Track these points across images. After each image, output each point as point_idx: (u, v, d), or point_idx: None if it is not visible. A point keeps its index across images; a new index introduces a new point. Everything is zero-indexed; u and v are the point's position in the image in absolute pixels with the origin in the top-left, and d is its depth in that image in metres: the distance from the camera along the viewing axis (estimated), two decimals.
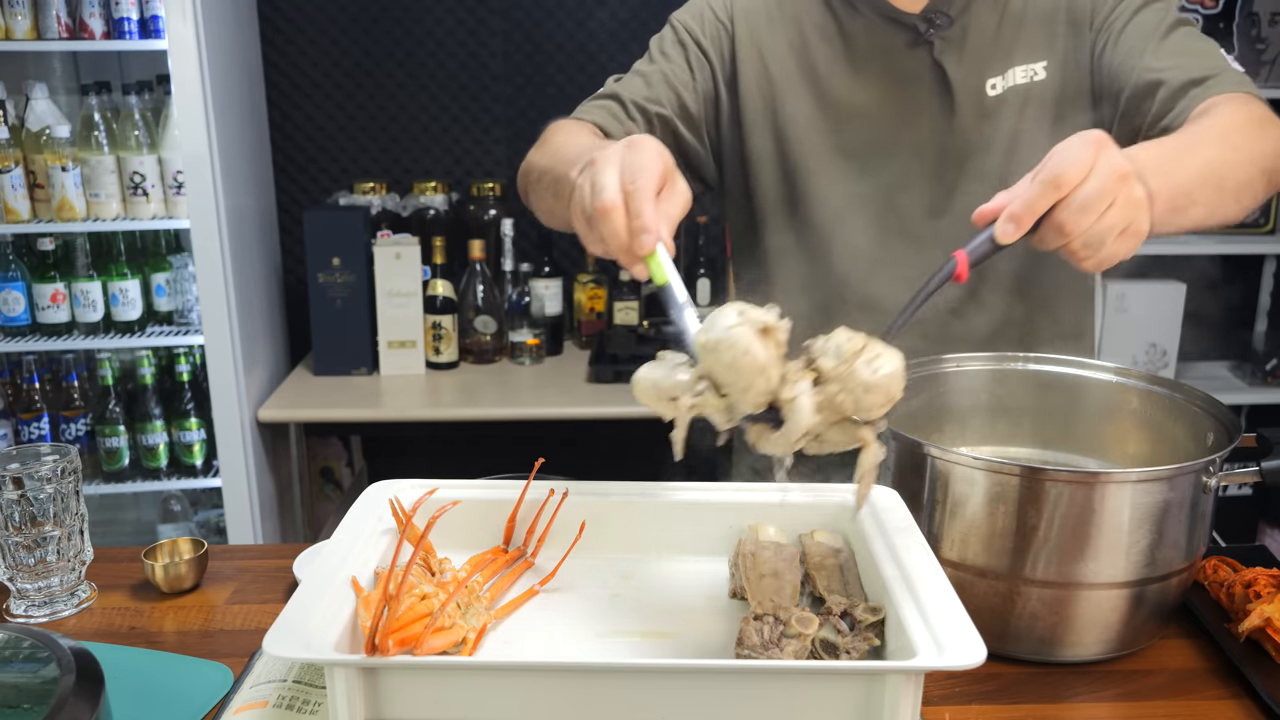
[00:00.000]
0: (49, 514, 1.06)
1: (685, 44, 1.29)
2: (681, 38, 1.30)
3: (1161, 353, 2.93)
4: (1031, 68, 1.24)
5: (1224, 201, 0.96)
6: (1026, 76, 1.24)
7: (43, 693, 0.75)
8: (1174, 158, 0.93)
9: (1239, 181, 0.97)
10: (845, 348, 0.79)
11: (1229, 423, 1.04)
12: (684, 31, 1.30)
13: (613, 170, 0.84)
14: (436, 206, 2.82)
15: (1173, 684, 0.97)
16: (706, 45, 1.29)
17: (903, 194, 1.26)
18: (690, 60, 1.29)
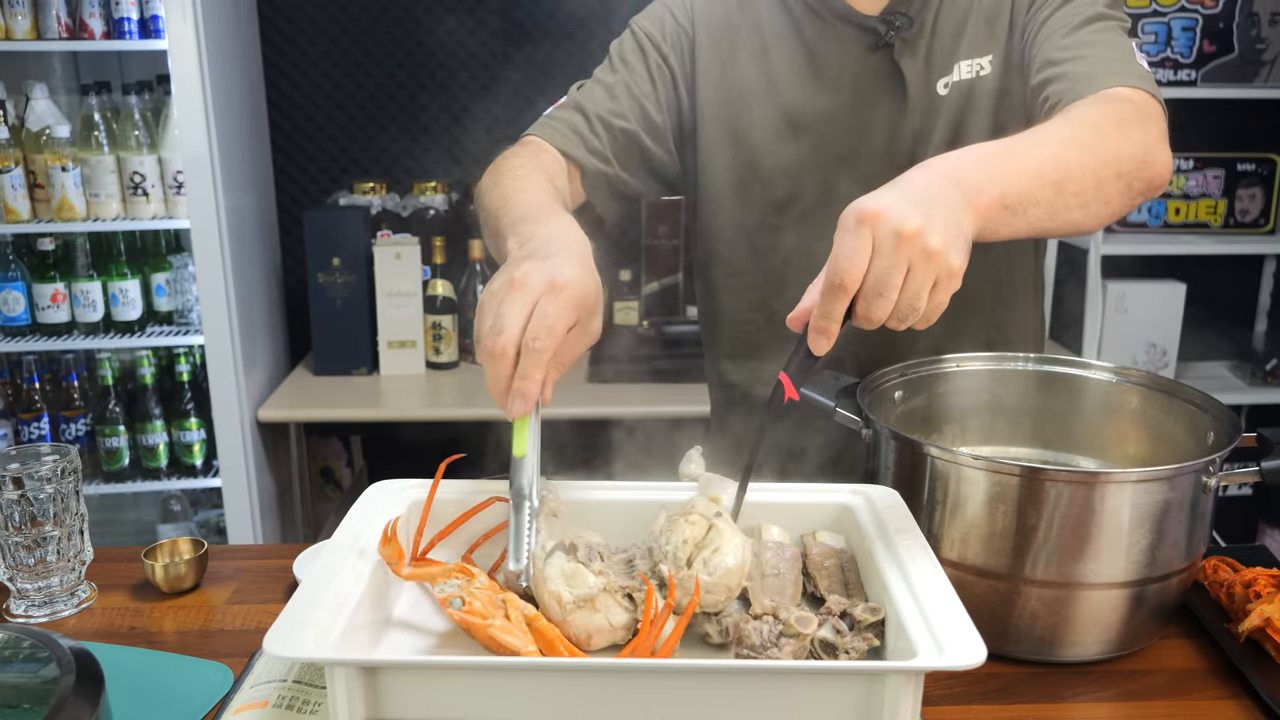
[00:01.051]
0: (49, 514, 1.06)
1: (645, 50, 1.27)
2: (641, 44, 1.27)
3: (1161, 353, 2.93)
4: (978, 62, 1.22)
5: (1066, 204, 0.91)
6: (972, 71, 1.22)
7: (43, 693, 0.75)
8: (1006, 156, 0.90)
9: (1083, 184, 0.91)
10: (681, 552, 0.82)
11: (1229, 423, 1.03)
12: (644, 37, 1.28)
13: (520, 311, 0.81)
14: (436, 206, 2.82)
15: (1173, 684, 0.97)
16: (667, 51, 1.27)
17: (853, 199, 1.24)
18: (651, 68, 1.27)
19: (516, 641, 0.75)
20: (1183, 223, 3.01)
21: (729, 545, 0.83)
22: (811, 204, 1.26)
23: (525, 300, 0.82)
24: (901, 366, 1.20)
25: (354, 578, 0.80)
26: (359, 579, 0.80)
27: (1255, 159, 2.98)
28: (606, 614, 0.78)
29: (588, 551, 0.81)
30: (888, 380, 1.18)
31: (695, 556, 0.82)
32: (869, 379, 1.16)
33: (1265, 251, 3.07)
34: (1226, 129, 2.99)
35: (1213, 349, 3.14)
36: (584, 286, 0.85)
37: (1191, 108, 2.93)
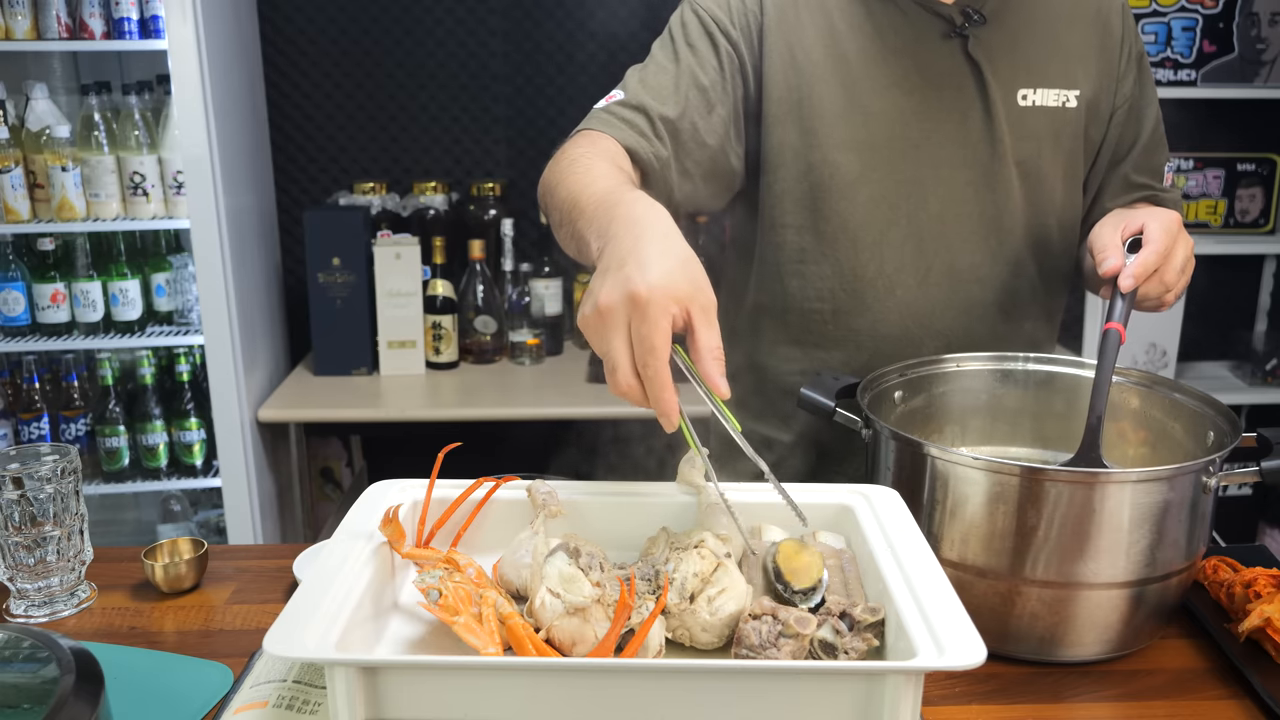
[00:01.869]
0: (49, 514, 1.06)
1: (713, 35, 1.23)
2: (709, 28, 1.23)
3: (1161, 353, 2.93)
4: (1065, 94, 1.26)
5: None
6: (1059, 101, 1.26)
7: (43, 693, 0.75)
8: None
9: None
10: (689, 584, 0.82)
11: (1229, 423, 1.04)
12: (711, 21, 1.23)
13: (620, 347, 0.83)
14: (436, 206, 2.82)
15: (1173, 684, 0.97)
16: (736, 36, 1.23)
17: (927, 190, 1.25)
18: (720, 55, 1.22)
19: (477, 642, 0.75)
20: (1183, 223, 3.01)
21: (734, 589, 0.83)
22: (879, 189, 1.25)
23: (618, 329, 0.84)
24: (901, 366, 1.20)
25: (354, 577, 0.80)
26: (359, 579, 0.80)
27: (1255, 159, 2.98)
28: (595, 626, 0.78)
29: (589, 559, 0.81)
30: (888, 380, 1.18)
31: (700, 593, 0.82)
32: (869, 379, 1.16)
33: (1265, 251, 3.07)
34: (1226, 129, 2.99)
35: (1213, 349, 3.14)
36: (670, 287, 0.82)
37: (1191, 108, 2.93)
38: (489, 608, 0.78)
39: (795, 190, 1.26)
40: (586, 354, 2.83)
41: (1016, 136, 1.25)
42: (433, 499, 0.93)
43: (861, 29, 1.23)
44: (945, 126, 1.24)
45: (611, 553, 0.90)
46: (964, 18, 1.22)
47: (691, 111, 1.20)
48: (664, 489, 0.98)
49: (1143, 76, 1.33)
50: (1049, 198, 1.28)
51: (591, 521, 0.94)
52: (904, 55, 1.23)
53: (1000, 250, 1.28)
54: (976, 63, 1.23)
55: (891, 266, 1.26)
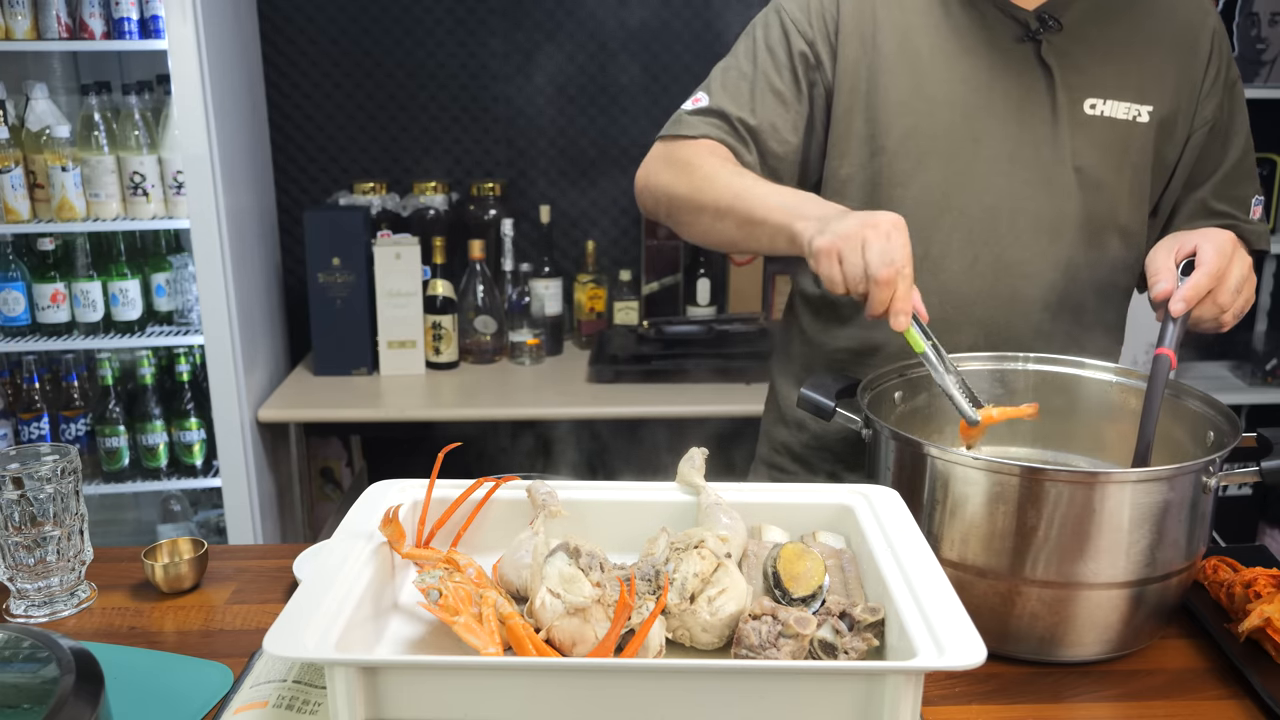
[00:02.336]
0: (49, 514, 1.06)
1: (790, 37, 1.28)
2: (788, 30, 1.29)
3: None
4: (1136, 108, 1.26)
5: None
6: (1128, 114, 1.26)
7: (43, 693, 0.75)
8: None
9: None
10: (689, 585, 0.82)
11: (1229, 423, 1.04)
12: (790, 24, 1.29)
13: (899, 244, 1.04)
14: (436, 206, 2.82)
15: (1173, 684, 0.97)
16: (814, 35, 1.28)
17: (982, 184, 1.26)
18: (794, 57, 1.28)
19: (477, 642, 0.75)
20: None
21: (735, 589, 0.83)
22: (935, 176, 1.26)
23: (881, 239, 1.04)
24: (901, 366, 1.20)
25: (354, 577, 0.80)
26: (359, 578, 0.80)
27: (1255, 159, 2.98)
28: (595, 627, 0.78)
29: (589, 559, 0.81)
30: (888, 380, 1.18)
31: (700, 593, 0.82)
32: (869, 379, 1.16)
33: None
34: None
35: (1213, 349, 3.14)
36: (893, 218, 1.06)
37: None
38: (489, 608, 0.78)
39: (858, 177, 1.30)
40: (586, 354, 2.83)
41: (1079, 143, 1.26)
42: (433, 499, 0.93)
43: (937, 27, 1.27)
44: (1008, 125, 1.26)
45: (612, 553, 0.90)
46: (1040, 23, 1.24)
47: (769, 115, 1.29)
48: (664, 489, 0.98)
49: (1232, 103, 1.33)
50: (1109, 208, 1.28)
51: (591, 521, 0.94)
52: (975, 54, 1.25)
53: (1051, 250, 1.28)
54: (1048, 67, 1.24)
55: (938, 251, 1.27)
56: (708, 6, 2.86)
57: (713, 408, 2.51)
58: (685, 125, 1.31)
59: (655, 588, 0.83)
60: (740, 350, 2.65)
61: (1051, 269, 1.28)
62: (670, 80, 2.89)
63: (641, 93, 2.90)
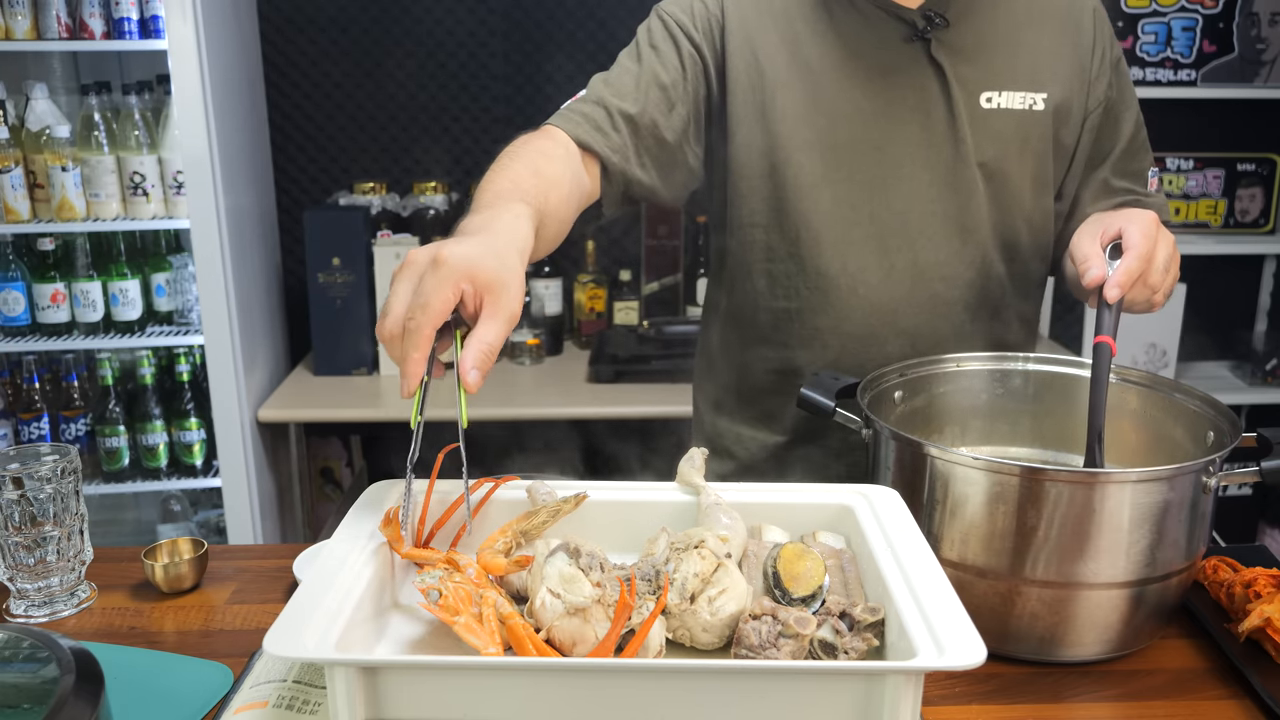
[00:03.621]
0: (49, 514, 1.06)
1: (676, 37, 1.26)
2: (672, 31, 1.27)
3: (1161, 353, 2.93)
4: (1031, 96, 1.26)
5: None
6: (1024, 104, 1.26)
7: (43, 693, 0.75)
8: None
9: None
10: (690, 585, 0.82)
11: (1229, 423, 1.04)
12: (674, 24, 1.27)
13: (402, 295, 0.84)
14: (436, 206, 2.82)
15: (1173, 684, 0.97)
16: (699, 39, 1.26)
17: (890, 190, 1.26)
18: (682, 56, 1.26)
19: (477, 642, 0.75)
20: (1183, 223, 3.01)
21: (735, 589, 0.82)
22: (842, 189, 1.26)
23: (409, 280, 0.85)
24: (901, 366, 1.20)
25: (354, 577, 0.80)
26: (359, 578, 0.80)
27: (1255, 159, 2.99)
28: (595, 627, 0.78)
29: (589, 559, 0.81)
30: (888, 380, 1.18)
31: (701, 593, 0.82)
32: (869, 379, 1.16)
33: (1265, 251, 3.07)
34: (1226, 129, 2.99)
35: (1213, 349, 3.14)
36: (473, 261, 0.84)
37: (1191, 108, 2.93)
38: (489, 608, 0.78)
39: (761, 189, 1.28)
40: (586, 354, 2.83)
41: (980, 138, 1.25)
42: (432, 499, 0.93)
43: (824, 33, 1.25)
44: (908, 128, 1.25)
45: (612, 553, 0.90)
46: (926, 21, 1.23)
47: (651, 109, 1.23)
48: (664, 489, 0.98)
49: (1120, 80, 1.33)
50: (1016, 200, 1.29)
51: (592, 521, 0.94)
52: (866, 58, 1.24)
53: (965, 250, 1.28)
54: (940, 65, 1.24)
55: (855, 265, 1.27)
56: None
57: None
58: (557, 117, 1.23)
59: (655, 588, 0.83)
60: None
61: (967, 268, 1.28)
62: None
63: None
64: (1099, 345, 1.04)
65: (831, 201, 1.26)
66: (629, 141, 1.22)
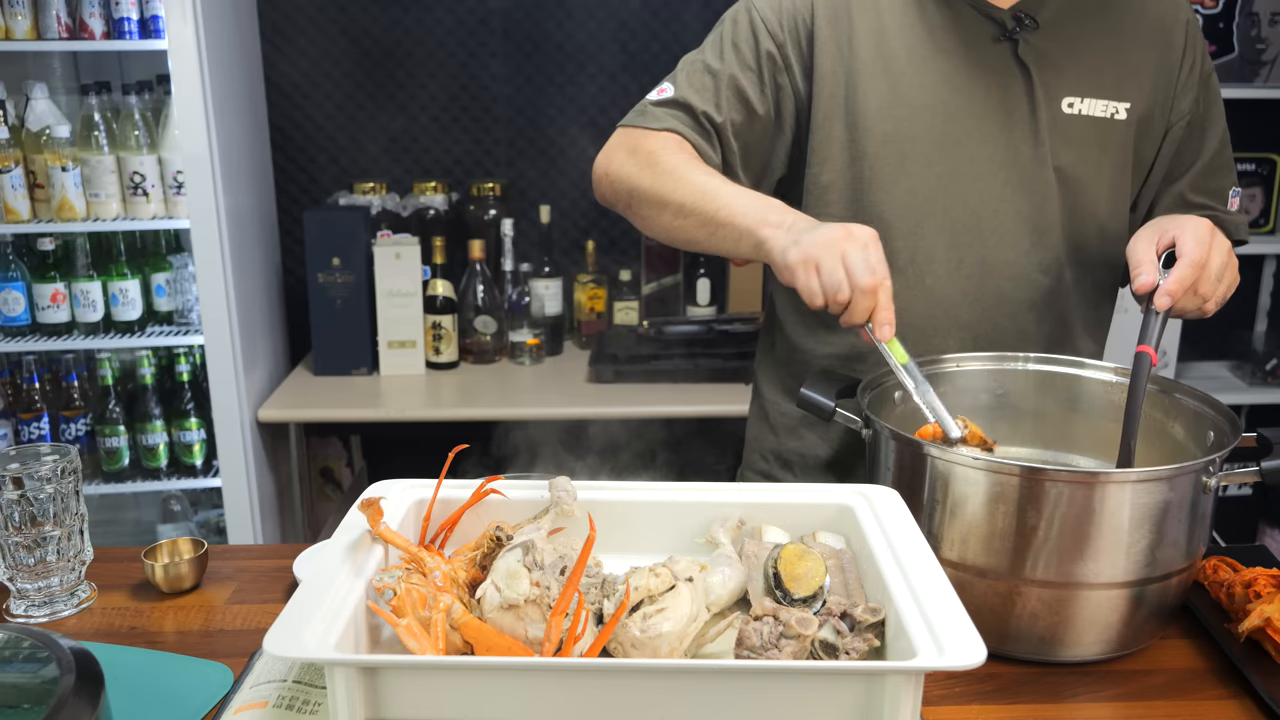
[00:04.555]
0: (49, 514, 1.06)
1: (758, 35, 1.27)
2: (756, 29, 1.28)
3: (1162, 353, 2.92)
4: (1114, 105, 1.26)
5: None
6: (1106, 112, 1.26)
7: (43, 693, 0.75)
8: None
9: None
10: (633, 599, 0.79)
11: (1229, 423, 1.04)
12: (760, 22, 1.28)
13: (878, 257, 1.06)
14: (436, 206, 2.82)
15: (1173, 684, 0.97)
16: (783, 37, 1.27)
17: (965, 186, 1.26)
18: (761, 56, 1.27)
19: (416, 646, 0.75)
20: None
21: (676, 613, 0.79)
22: (917, 181, 1.26)
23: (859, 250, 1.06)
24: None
25: (354, 577, 0.80)
26: (359, 578, 0.80)
27: (1255, 159, 2.98)
28: (528, 625, 0.78)
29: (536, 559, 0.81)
30: (888, 380, 1.18)
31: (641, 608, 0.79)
32: (869, 379, 1.16)
33: (1265, 251, 3.07)
34: None
35: (1213, 349, 3.14)
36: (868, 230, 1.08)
37: None
38: (439, 613, 0.77)
39: (839, 182, 1.29)
40: (586, 354, 2.83)
41: (1058, 142, 1.25)
42: (441, 501, 0.93)
43: (912, 28, 1.26)
44: (987, 126, 1.25)
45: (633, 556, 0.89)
46: (1016, 22, 1.24)
47: (731, 112, 1.28)
48: (667, 490, 0.97)
49: (1208, 96, 1.33)
50: (1090, 206, 1.28)
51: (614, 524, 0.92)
52: (953, 55, 1.25)
53: (1034, 251, 1.27)
54: (1026, 66, 1.24)
55: (923, 256, 1.27)
56: (709, 9, 2.86)
57: (713, 408, 2.51)
58: (650, 116, 1.29)
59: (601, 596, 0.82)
60: (740, 350, 2.65)
61: (1036, 270, 1.28)
62: None
63: (642, 93, 2.90)
64: (1140, 355, 1.04)
65: (906, 193, 1.26)
66: (719, 152, 1.28)
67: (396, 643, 0.83)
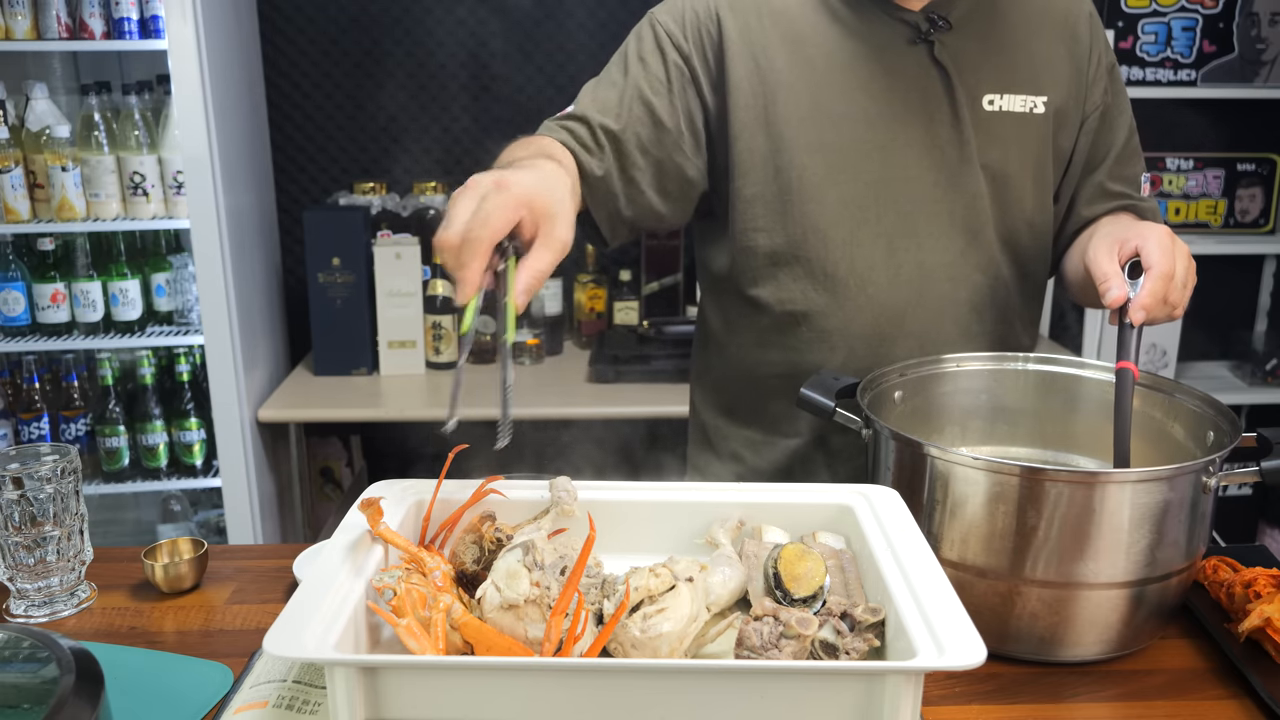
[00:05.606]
0: (49, 514, 1.06)
1: (664, 48, 1.26)
2: (661, 41, 1.26)
3: (1161, 353, 2.94)
4: (1032, 100, 1.27)
5: None
6: (1025, 107, 1.27)
7: (43, 693, 0.75)
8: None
9: None
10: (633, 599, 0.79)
11: (1229, 423, 1.04)
12: (664, 34, 1.27)
13: (466, 208, 0.88)
14: (436, 206, 2.82)
15: (1173, 684, 0.97)
16: (689, 49, 1.26)
17: (896, 191, 1.26)
18: (669, 68, 1.26)
19: (416, 645, 0.75)
20: (1183, 223, 3.01)
21: (676, 613, 0.79)
22: (848, 190, 1.25)
23: (472, 198, 0.89)
24: (901, 366, 1.20)
25: (354, 577, 0.80)
26: (359, 578, 0.80)
27: (1255, 159, 2.99)
28: (528, 625, 0.78)
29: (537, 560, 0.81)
30: (888, 380, 1.18)
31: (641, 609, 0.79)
32: (869, 379, 1.16)
33: (1265, 251, 3.07)
34: (1226, 129, 2.99)
35: (1213, 349, 3.14)
36: (532, 190, 0.91)
37: (1191, 108, 2.93)
38: (439, 613, 0.77)
39: (765, 194, 1.27)
40: (586, 354, 2.83)
41: (983, 140, 1.26)
42: (441, 501, 0.93)
43: (826, 35, 1.25)
44: (912, 129, 1.25)
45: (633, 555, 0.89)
46: (930, 24, 1.24)
47: (635, 124, 1.24)
48: (671, 489, 0.97)
49: (1114, 86, 1.34)
50: (1018, 201, 1.29)
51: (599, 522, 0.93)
52: (870, 60, 1.24)
53: (971, 251, 1.28)
54: (943, 67, 1.24)
55: (862, 265, 1.27)
56: None
57: None
58: (542, 129, 1.26)
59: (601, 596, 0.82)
60: None
61: (974, 269, 1.29)
62: None
63: None
64: (1122, 371, 1.03)
65: (838, 202, 1.26)
66: (614, 159, 1.24)
67: (396, 643, 0.83)
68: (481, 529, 0.89)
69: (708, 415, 1.44)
